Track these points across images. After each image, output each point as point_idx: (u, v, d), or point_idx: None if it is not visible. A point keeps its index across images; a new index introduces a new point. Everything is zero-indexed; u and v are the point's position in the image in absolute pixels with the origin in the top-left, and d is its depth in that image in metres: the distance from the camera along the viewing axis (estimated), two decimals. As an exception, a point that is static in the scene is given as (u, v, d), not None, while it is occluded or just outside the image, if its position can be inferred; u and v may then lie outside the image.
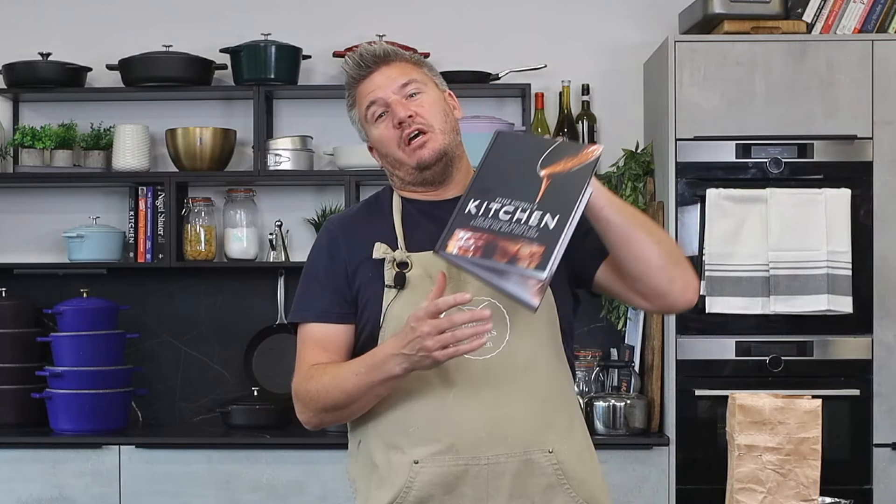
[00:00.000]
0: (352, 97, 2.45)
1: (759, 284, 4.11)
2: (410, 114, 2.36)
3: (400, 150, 2.38)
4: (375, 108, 2.39)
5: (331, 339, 2.38)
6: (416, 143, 2.37)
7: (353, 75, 2.43)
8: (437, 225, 2.31)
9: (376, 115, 2.40)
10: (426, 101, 2.39)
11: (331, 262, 2.42)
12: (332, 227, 2.48)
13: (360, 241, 2.40)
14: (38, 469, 4.27)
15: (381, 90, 2.39)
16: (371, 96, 2.39)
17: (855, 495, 3.45)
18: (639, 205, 4.47)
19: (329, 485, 4.19)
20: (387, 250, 2.36)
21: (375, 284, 2.36)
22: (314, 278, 2.44)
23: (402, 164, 2.40)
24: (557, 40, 4.76)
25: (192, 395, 4.79)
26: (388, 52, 2.42)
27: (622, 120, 4.74)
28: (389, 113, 2.38)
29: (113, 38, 4.77)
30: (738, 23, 4.27)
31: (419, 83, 2.40)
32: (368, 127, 2.43)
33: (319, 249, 2.47)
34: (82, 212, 4.74)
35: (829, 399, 3.73)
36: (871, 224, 4.17)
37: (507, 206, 2.13)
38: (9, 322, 4.57)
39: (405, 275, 2.34)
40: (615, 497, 2.57)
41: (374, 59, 2.41)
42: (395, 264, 2.34)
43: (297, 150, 4.59)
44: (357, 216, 2.49)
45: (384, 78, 2.39)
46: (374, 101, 2.39)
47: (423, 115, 2.38)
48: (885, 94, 4.18)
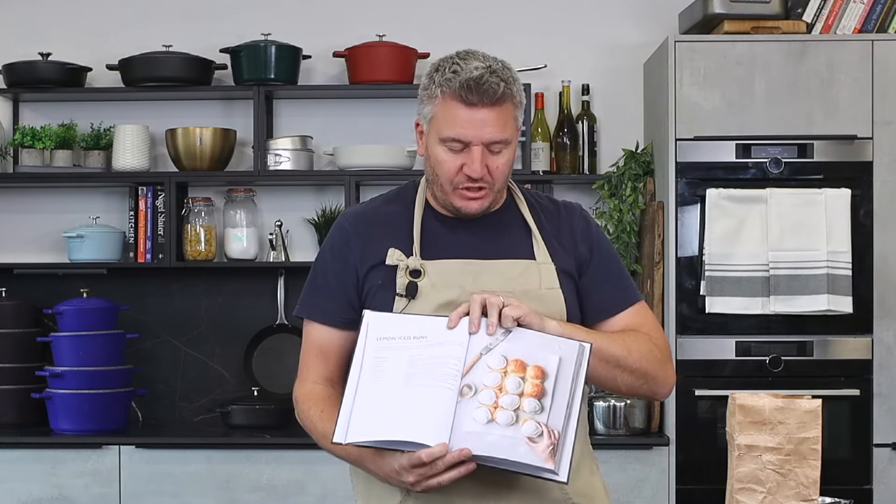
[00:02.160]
0: (441, 97, 2.27)
1: (759, 284, 4.11)
2: (485, 174, 2.27)
3: (450, 186, 2.30)
4: (456, 143, 2.27)
5: (333, 347, 2.37)
6: (469, 193, 2.30)
7: (455, 91, 2.24)
8: (456, 235, 2.34)
9: (452, 145, 2.27)
10: (504, 160, 2.29)
11: (342, 265, 2.37)
12: (347, 226, 2.40)
13: (374, 242, 2.35)
14: (38, 469, 4.27)
15: (474, 132, 2.24)
16: (461, 133, 2.25)
17: (855, 495, 3.44)
18: (639, 205, 4.47)
19: (329, 485, 4.19)
20: (400, 256, 2.32)
21: (385, 292, 2.32)
22: (324, 277, 2.40)
23: (445, 193, 2.32)
24: (557, 40, 4.76)
25: (192, 395, 4.78)
26: (502, 93, 2.24)
27: (622, 120, 4.74)
28: (466, 154, 2.26)
29: (113, 38, 4.77)
30: (738, 23, 4.27)
31: (508, 141, 2.28)
32: (435, 138, 2.29)
33: (332, 248, 2.41)
34: (82, 212, 4.74)
35: (829, 399, 3.73)
36: (871, 224, 4.17)
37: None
38: (9, 322, 4.57)
39: (417, 284, 2.30)
40: (615, 497, 2.57)
41: (490, 98, 2.23)
42: (407, 272, 2.31)
43: (297, 150, 4.59)
44: (375, 212, 2.41)
45: (483, 119, 2.24)
46: (461, 140, 2.26)
47: (495, 174, 2.29)
48: (885, 94, 4.18)
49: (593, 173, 4.67)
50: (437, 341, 2.15)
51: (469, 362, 2.13)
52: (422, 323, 2.19)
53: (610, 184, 4.54)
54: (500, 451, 2.08)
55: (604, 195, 4.53)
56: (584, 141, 4.67)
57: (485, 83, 2.23)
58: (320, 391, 2.36)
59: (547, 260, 2.36)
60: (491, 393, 2.10)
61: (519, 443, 2.07)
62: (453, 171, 2.29)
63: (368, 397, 2.13)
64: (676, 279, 4.20)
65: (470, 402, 2.10)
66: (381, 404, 2.11)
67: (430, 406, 2.09)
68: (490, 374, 2.12)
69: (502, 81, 2.25)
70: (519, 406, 2.09)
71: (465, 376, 2.11)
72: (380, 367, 2.15)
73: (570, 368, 2.12)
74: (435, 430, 2.08)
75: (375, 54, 4.57)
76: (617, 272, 2.44)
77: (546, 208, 2.44)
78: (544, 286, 2.34)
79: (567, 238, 2.41)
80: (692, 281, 4.19)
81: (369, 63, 4.57)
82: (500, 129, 2.26)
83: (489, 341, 2.14)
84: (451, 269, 2.32)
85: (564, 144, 4.67)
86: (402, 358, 2.14)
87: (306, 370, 2.40)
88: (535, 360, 2.13)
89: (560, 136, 4.67)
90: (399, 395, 2.11)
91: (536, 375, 2.11)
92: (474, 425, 2.09)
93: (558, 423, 2.09)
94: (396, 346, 2.16)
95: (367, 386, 2.14)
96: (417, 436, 2.08)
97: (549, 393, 2.10)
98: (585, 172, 4.66)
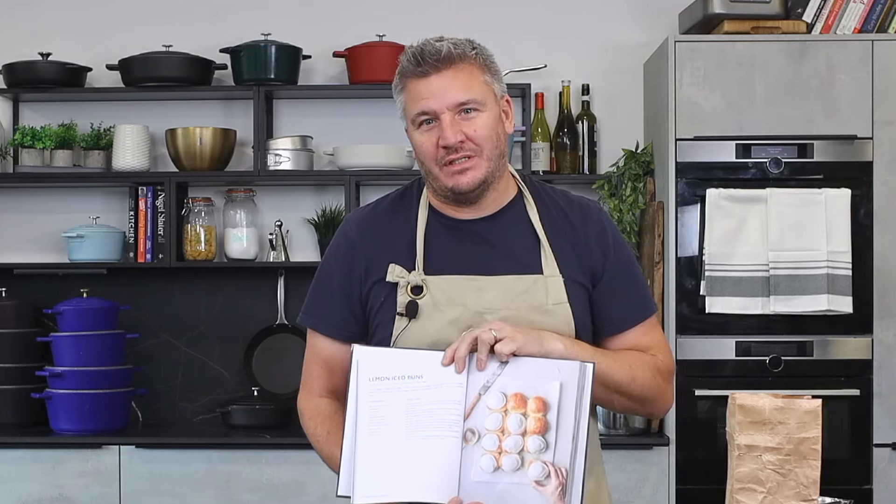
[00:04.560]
0: (402, 84, 2.26)
1: (759, 284, 4.11)
2: (461, 139, 2.21)
3: (437, 167, 2.24)
4: (424, 117, 2.23)
5: (337, 361, 2.33)
6: (456, 167, 2.23)
7: (407, 69, 2.24)
8: (461, 245, 2.28)
9: (422, 121, 2.24)
10: (481, 123, 2.23)
11: (347, 276, 2.32)
12: (352, 233, 2.35)
13: (378, 254, 2.30)
14: (38, 469, 4.27)
15: (435, 100, 2.21)
16: (423, 105, 2.22)
17: (855, 495, 3.44)
18: (639, 205, 4.47)
19: (329, 485, 4.14)
20: (402, 272, 2.26)
21: (387, 310, 2.27)
22: (328, 287, 2.35)
23: (435, 178, 2.26)
24: (557, 40, 4.76)
25: (192, 395, 4.78)
26: (452, 54, 2.21)
27: (622, 120, 4.74)
28: (438, 126, 2.22)
29: (113, 38, 4.77)
30: (738, 23, 4.27)
31: (478, 101, 2.23)
32: (411, 127, 2.27)
33: (336, 256, 2.35)
34: (82, 212, 4.74)
35: (829, 399, 3.73)
36: (871, 224, 4.17)
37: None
38: (9, 322, 4.57)
39: (417, 304, 2.25)
40: (615, 497, 2.57)
41: (435, 59, 2.21)
42: (408, 289, 2.26)
43: (297, 150, 4.59)
44: (380, 217, 2.35)
45: (442, 85, 2.21)
46: (426, 112, 2.22)
47: (475, 139, 2.22)
48: (885, 94, 4.18)
49: (593, 173, 4.67)
50: (434, 382, 2.09)
51: (469, 405, 2.08)
52: (416, 360, 2.12)
53: (610, 184, 4.54)
54: (510, 501, 2.05)
55: (604, 195, 4.53)
56: (584, 141, 4.67)
57: (427, 48, 2.22)
58: (326, 408, 2.33)
59: (555, 272, 2.28)
60: (494, 437, 2.06)
61: (527, 489, 2.04)
62: (433, 149, 2.24)
63: (370, 450, 2.09)
64: (676, 279, 4.20)
65: (474, 448, 2.07)
66: (385, 459, 2.08)
67: (436, 459, 2.06)
68: (491, 415, 2.07)
69: (450, 45, 2.23)
70: (523, 447, 2.05)
71: (466, 420, 2.08)
72: (377, 414, 2.09)
73: (573, 393, 2.07)
74: (443, 485, 2.06)
75: (375, 54, 4.57)
76: (631, 282, 2.35)
77: (559, 208, 2.35)
78: (551, 301, 2.26)
79: (580, 243, 2.32)
80: (692, 281, 4.19)
81: (369, 63, 4.57)
82: (461, 90, 2.21)
83: (486, 378, 2.09)
84: (454, 286, 2.26)
85: (564, 144, 4.67)
86: (400, 403, 2.09)
87: (311, 381, 2.38)
88: (535, 392, 2.07)
89: (560, 136, 4.67)
90: (402, 448, 2.07)
91: (538, 409, 2.06)
92: (481, 475, 2.06)
93: (565, 459, 2.04)
94: (392, 387, 2.10)
95: (367, 436, 2.09)
96: (427, 495, 2.06)
97: (552, 426, 2.05)
98: (585, 172, 4.66)
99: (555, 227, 2.32)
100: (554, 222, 2.33)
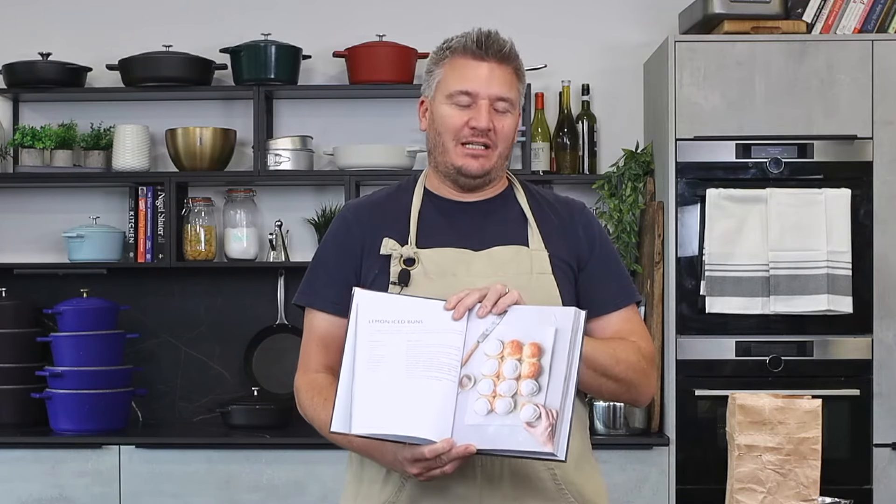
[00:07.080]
0: (448, 58, 2.38)
1: (759, 284, 4.11)
2: (490, 127, 2.34)
3: (453, 142, 2.36)
4: (463, 97, 2.34)
5: (333, 336, 2.36)
6: (472, 150, 2.35)
7: (465, 46, 2.36)
8: (453, 223, 2.38)
9: (459, 99, 2.34)
10: (508, 122, 2.36)
11: (343, 253, 2.40)
12: (348, 215, 2.45)
13: (374, 231, 2.39)
14: (38, 469, 4.27)
15: (482, 86, 2.34)
16: (470, 85, 2.34)
17: (855, 495, 3.45)
18: (639, 205, 4.47)
19: (329, 485, 4.19)
20: (394, 246, 2.35)
21: (381, 280, 2.35)
22: (324, 265, 2.43)
23: (446, 152, 2.37)
24: (557, 40, 4.76)
25: (192, 395, 4.78)
26: (510, 53, 2.37)
27: (622, 120, 4.74)
28: (473, 109, 2.34)
29: (113, 38, 4.77)
30: (738, 23, 4.27)
31: (512, 103, 2.37)
32: (441, 98, 2.37)
33: (334, 236, 2.45)
34: (82, 212, 4.75)
35: (829, 399, 3.73)
36: (871, 224, 4.17)
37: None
38: (9, 322, 4.57)
39: (409, 272, 2.33)
40: (615, 497, 2.57)
41: (496, 51, 2.35)
42: (401, 260, 2.34)
43: (297, 150, 4.59)
44: (376, 203, 2.46)
45: (491, 76, 2.35)
46: (469, 93, 2.34)
47: (499, 134, 2.35)
48: (885, 94, 4.18)
49: (593, 173, 4.67)
50: (434, 328, 2.14)
51: (468, 351, 2.13)
52: (416, 305, 2.18)
53: (610, 184, 4.54)
54: (501, 443, 2.09)
55: (604, 195, 4.53)
56: (584, 141, 4.67)
57: (494, 37, 2.37)
58: (322, 380, 2.36)
59: (540, 247, 2.38)
60: (489, 382, 2.11)
61: (518, 430, 2.08)
62: (459, 125, 2.34)
63: (368, 385, 2.12)
64: (676, 279, 4.20)
65: (470, 393, 2.11)
66: (383, 394, 2.11)
67: (433, 399, 2.10)
68: (488, 361, 2.13)
69: (511, 48, 2.38)
70: (517, 391, 2.10)
71: (464, 366, 2.12)
72: (377, 352, 2.14)
73: (567, 336, 2.12)
74: (438, 425, 2.09)
75: (375, 54, 4.57)
76: (616, 271, 2.45)
77: (548, 202, 2.47)
78: (536, 271, 2.36)
79: (568, 231, 2.42)
80: (692, 281, 4.19)
81: (369, 63, 4.57)
82: (506, 87, 2.35)
83: (485, 326, 2.15)
84: (445, 257, 2.34)
85: (564, 144, 4.67)
86: (400, 343, 2.14)
87: (307, 359, 2.41)
88: (531, 338, 2.13)
89: (560, 136, 4.67)
90: (401, 385, 2.11)
91: (533, 354, 2.12)
92: (475, 418, 2.10)
93: (556, 402, 2.09)
94: (392, 329, 2.15)
95: (366, 372, 2.13)
96: (422, 431, 2.09)
97: (546, 369, 2.11)
98: (585, 172, 4.66)
99: (543, 215, 2.44)
100: (543, 212, 2.45)
